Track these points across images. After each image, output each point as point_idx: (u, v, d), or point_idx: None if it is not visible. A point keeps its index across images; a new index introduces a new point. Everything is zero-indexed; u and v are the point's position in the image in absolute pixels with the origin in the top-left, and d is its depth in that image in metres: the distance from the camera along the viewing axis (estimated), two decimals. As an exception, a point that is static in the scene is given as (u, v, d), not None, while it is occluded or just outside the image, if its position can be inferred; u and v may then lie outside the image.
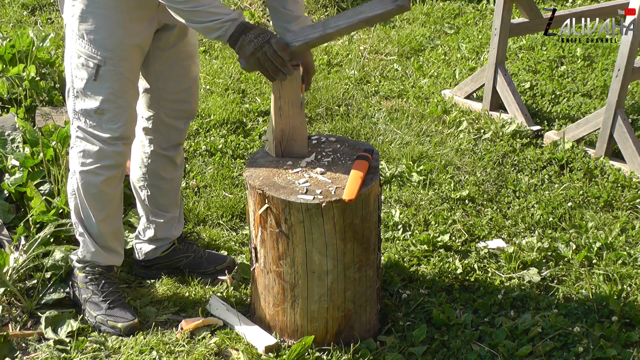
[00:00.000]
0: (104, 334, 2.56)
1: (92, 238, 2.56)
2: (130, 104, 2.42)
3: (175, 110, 2.61)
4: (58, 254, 2.75)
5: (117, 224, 2.62)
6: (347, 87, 4.54)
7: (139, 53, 2.39)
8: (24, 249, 2.77)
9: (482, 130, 4.01)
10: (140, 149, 2.68)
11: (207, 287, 2.81)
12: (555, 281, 2.86)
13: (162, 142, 2.66)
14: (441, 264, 2.90)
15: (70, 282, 2.69)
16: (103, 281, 2.60)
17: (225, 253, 2.99)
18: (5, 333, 2.51)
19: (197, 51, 2.65)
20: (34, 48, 4.25)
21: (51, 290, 2.69)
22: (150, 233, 2.80)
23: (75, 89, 2.37)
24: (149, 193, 2.74)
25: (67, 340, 2.50)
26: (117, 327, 2.54)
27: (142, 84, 2.56)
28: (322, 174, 2.33)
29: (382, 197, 3.35)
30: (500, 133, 3.94)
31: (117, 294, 2.61)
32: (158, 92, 2.56)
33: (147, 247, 2.82)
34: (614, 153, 3.73)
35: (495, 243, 3.06)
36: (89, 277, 2.60)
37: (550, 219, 3.22)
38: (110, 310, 2.57)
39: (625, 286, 2.78)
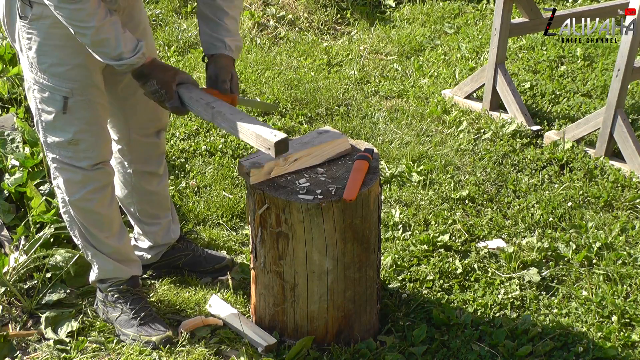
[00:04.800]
0: (105, 334, 2.56)
1: (107, 256, 2.50)
2: (103, 128, 2.37)
3: (147, 128, 2.55)
4: (58, 255, 2.75)
5: (126, 236, 2.58)
6: (347, 87, 4.54)
7: (102, 77, 2.32)
8: (24, 249, 2.77)
9: (482, 130, 4.01)
10: (122, 169, 2.63)
11: (207, 287, 2.81)
12: (555, 281, 2.86)
13: (140, 159, 2.60)
14: (441, 264, 2.90)
15: (95, 303, 2.66)
16: (131, 298, 2.56)
17: (225, 253, 2.99)
18: (5, 333, 2.51)
19: None
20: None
21: (51, 290, 2.69)
22: (149, 243, 2.79)
23: (44, 122, 2.28)
24: (139, 208, 2.71)
25: (67, 340, 2.50)
26: (152, 341, 2.48)
27: (109, 106, 2.46)
28: (322, 174, 2.33)
29: (382, 197, 3.35)
30: (500, 133, 3.94)
31: (147, 309, 2.56)
32: (126, 114, 2.49)
33: (148, 255, 2.81)
34: (614, 153, 3.73)
35: (495, 243, 3.06)
36: (116, 295, 2.56)
37: (550, 219, 3.22)
38: (142, 326, 2.52)
39: (625, 286, 2.78)
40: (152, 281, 2.84)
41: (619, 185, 3.49)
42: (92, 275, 2.59)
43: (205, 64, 2.35)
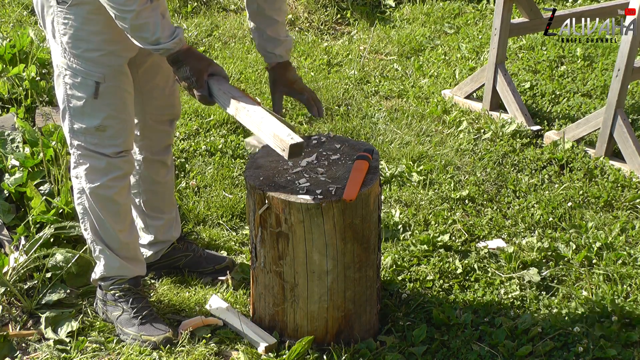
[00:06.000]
0: (105, 334, 2.56)
1: (115, 252, 2.51)
2: (130, 116, 2.40)
3: (161, 114, 2.59)
4: (59, 255, 2.75)
5: (135, 232, 2.60)
6: (347, 87, 4.54)
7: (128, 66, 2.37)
8: (24, 249, 2.77)
9: (482, 130, 4.01)
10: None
11: (207, 287, 2.81)
12: (555, 281, 2.86)
13: (152, 146, 2.64)
14: (441, 264, 2.90)
15: (95, 302, 2.66)
16: (132, 297, 2.56)
17: (225, 253, 2.99)
18: (5, 333, 2.51)
19: None
20: (34, 48, 4.26)
21: (51, 290, 2.69)
22: (150, 237, 2.79)
23: (73, 108, 2.32)
24: (145, 199, 2.72)
25: (67, 340, 2.50)
26: (152, 340, 2.48)
27: None
28: (322, 174, 2.33)
29: (382, 197, 3.35)
30: (500, 133, 3.94)
31: (148, 309, 2.57)
32: (143, 99, 2.53)
33: (148, 252, 2.81)
34: (614, 153, 3.73)
35: (495, 243, 3.06)
36: (117, 294, 2.56)
37: (550, 219, 3.22)
38: (143, 325, 2.52)
39: (625, 286, 2.78)
40: (152, 281, 2.84)
41: (619, 185, 3.49)
42: (95, 274, 2.59)
43: (267, 69, 2.51)
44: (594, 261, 2.94)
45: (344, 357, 2.42)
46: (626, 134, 3.58)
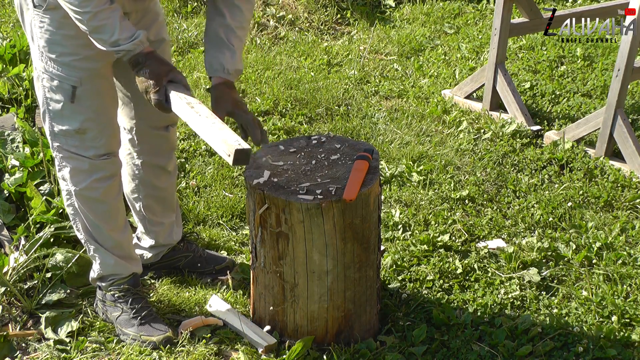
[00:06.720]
0: (105, 334, 2.56)
1: (109, 250, 2.51)
2: (112, 119, 2.38)
3: (156, 119, 2.55)
4: (59, 255, 2.75)
5: (128, 230, 2.59)
6: (347, 87, 4.54)
7: (112, 69, 2.35)
8: (24, 249, 2.77)
9: (482, 130, 4.01)
10: (130, 161, 2.63)
11: (207, 287, 2.81)
12: (555, 281, 2.86)
13: (150, 151, 2.61)
14: (441, 264, 2.90)
15: (95, 303, 2.66)
16: (131, 298, 2.56)
17: (225, 253, 2.99)
18: (5, 333, 2.51)
19: (170, 58, 2.60)
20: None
21: (51, 290, 2.69)
22: (150, 242, 2.78)
23: (52, 111, 2.30)
24: (145, 204, 2.71)
25: (67, 340, 2.50)
26: (152, 340, 2.48)
27: (122, 94, 2.50)
28: (322, 174, 2.33)
29: (382, 197, 3.34)
30: (500, 133, 3.94)
31: (148, 309, 2.57)
32: (135, 103, 2.50)
33: (148, 254, 2.81)
34: (614, 153, 3.73)
35: (495, 243, 3.06)
36: (117, 295, 2.56)
37: (550, 219, 3.22)
38: (142, 326, 2.52)
39: (625, 286, 2.78)
40: (152, 281, 2.84)
41: (619, 185, 3.49)
42: (93, 273, 2.59)
43: (209, 89, 2.38)
44: (594, 261, 2.94)
45: (344, 357, 2.42)
46: (626, 134, 3.58)
